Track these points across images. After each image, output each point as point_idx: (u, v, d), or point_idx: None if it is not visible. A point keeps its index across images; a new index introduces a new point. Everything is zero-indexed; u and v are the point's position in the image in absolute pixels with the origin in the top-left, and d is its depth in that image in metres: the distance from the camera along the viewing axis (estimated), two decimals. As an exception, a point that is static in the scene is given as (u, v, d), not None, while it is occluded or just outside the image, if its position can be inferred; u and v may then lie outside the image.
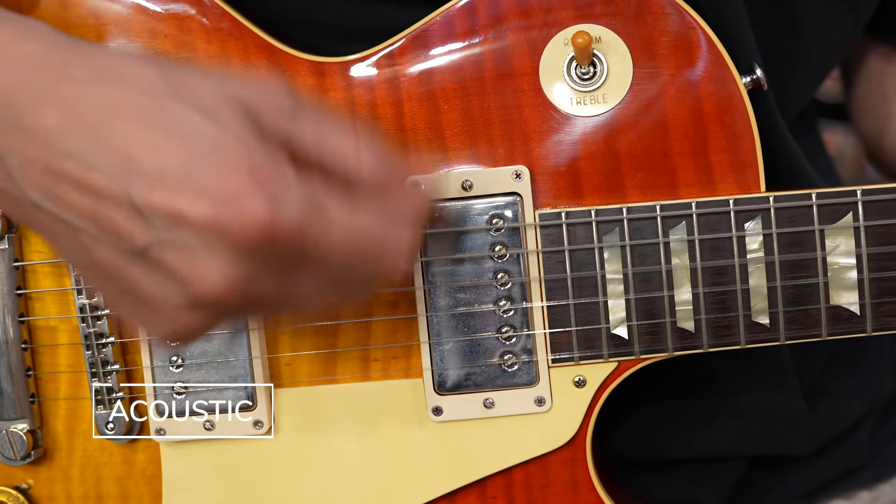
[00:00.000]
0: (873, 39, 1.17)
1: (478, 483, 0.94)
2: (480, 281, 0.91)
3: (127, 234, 0.71)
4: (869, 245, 0.88)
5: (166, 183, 0.69)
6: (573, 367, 0.91)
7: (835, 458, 1.10)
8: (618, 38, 0.90)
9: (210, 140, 0.70)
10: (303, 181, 0.72)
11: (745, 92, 0.89)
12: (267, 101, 0.74)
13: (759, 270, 0.89)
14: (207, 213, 0.69)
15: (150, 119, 0.71)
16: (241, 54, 0.91)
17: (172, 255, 0.71)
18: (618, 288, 0.90)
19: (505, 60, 0.90)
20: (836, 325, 0.89)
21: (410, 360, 0.93)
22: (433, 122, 0.91)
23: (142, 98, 0.71)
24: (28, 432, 0.95)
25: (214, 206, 0.69)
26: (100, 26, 0.91)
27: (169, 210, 0.69)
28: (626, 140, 0.90)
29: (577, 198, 0.90)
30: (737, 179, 0.90)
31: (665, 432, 1.05)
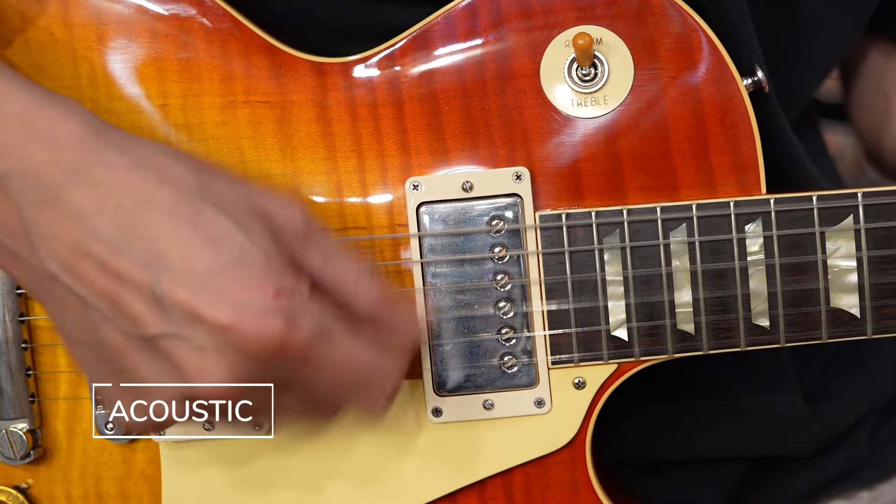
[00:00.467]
0: (873, 36, 1.17)
1: (477, 484, 0.93)
2: (480, 282, 0.91)
3: (142, 321, 0.74)
4: (869, 248, 0.88)
5: (191, 282, 0.72)
6: (573, 368, 0.91)
7: (835, 458, 1.10)
8: (619, 39, 0.89)
9: (238, 248, 0.74)
10: (315, 305, 0.76)
11: (747, 94, 0.89)
12: (286, 218, 0.77)
13: (760, 273, 0.89)
14: (227, 318, 0.72)
15: (181, 217, 0.73)
16: (241, 54, 0.91)
17: (182, 349, 0.74)
18: (618, 290, 0.90)
19: (506, 61, 0.90)
20: (837, 327, 0.89)
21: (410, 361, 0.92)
22: (434, 123, 0.91)
23: (176, 194, 0.74)
24: (28, 432, 0.95)
25: (235, 314, 0.72)
26: (101, 26, 0.91)
27: (189, 307, 0.72)
28: (626, 142, 0.90)
29: (577, 199, 0.90)
30: (737, 181, 0.90)
31: (665, 433, 1.05)
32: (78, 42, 0.91)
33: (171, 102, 0.91)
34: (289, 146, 0.91)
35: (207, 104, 0.91)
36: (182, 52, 0.91)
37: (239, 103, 0.91)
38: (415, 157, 0.91)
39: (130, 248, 0.73)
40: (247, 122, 0.91)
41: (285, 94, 0.91)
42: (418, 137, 0.91)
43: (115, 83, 0.91)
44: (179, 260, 0.73)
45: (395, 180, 0.91)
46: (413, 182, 0.90)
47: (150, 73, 0.91)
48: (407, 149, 0.91)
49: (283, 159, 0.91)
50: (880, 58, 1.18)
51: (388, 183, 0.91)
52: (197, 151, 0.91)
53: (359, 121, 0.91)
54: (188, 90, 0.91)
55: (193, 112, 0.92)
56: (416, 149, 0.91)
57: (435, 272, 0.91)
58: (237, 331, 0.73)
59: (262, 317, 0.73)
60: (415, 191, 0.90)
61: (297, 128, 0.91)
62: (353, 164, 0.91)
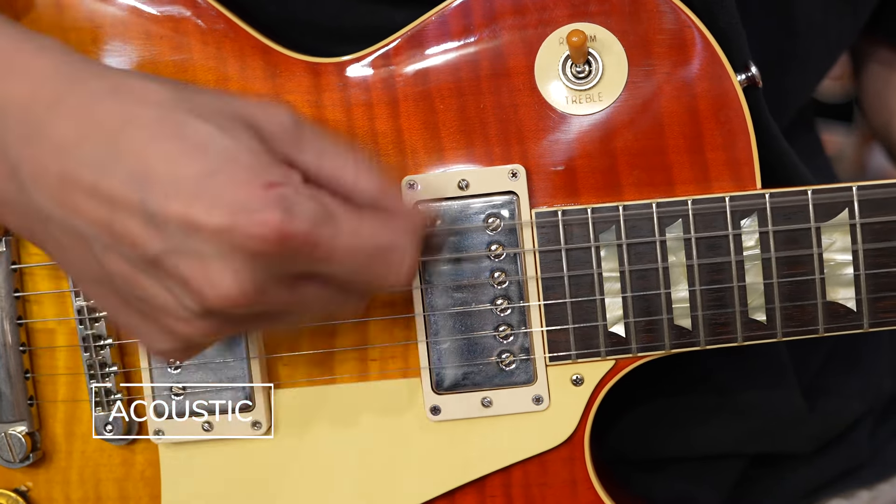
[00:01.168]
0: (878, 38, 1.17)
1: (476, 482, 0.94)
2: (477, 280, 0.91)
3: (141, 242, 0.73)
4: (865, 241, 0.88)
5: (181, 192, 0.71)
6: (571, 365, 0.91)
7: (834, 457, 1.10)
8: (613, 36, 0.90)
9: (223, 151, 0.73)
10: (311, 191, 0.75)
11: (741, 89, 0.90)
12: (271, 120, 0.76)
13: (756, 267, 0.89)
14: (222, 221, 0.71)
15: (164, 130, 0.73)
16: (236, 55, 0.92)
17: (186, 263, 0.73)
18: (614, 286, 0.90)
19: (500, 59, 0.90)
20: (833, 321, 0.89)
21: (408, 359, 0.93)
22: (429, 122, 0.91)
23: (155, 110, 0.74)
24: (27, 434, 0.95)
25: (229, 215, 0.71)
26: (95, 28, 0.91)
27: (184, 218, 0.71)
28: (621, 138, 0.90)
29: (573, 196, 0.90)
30: (733, 177, 0.90)
31: (664, 430, 1.05)
32: (72, 44, 0.91)
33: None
34: (285, 146, 0.91)
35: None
36: (177, 53, 0.91)
37: (234, 104, 0.91)
38: (410, 156, 0.91)
39: (117, 170, 0.72)
40: (243, 122, 0.91)
41: (280, 95, 0.91)
42: (414, 136, 0.91)
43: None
44: (167, 172, 0.72)
45: (391, 179, 0.91)
46: (409, 181, 0.90)
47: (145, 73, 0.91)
48: (402, 148, 0.91)
49: (279, 159, 0.91)
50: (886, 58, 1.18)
51: (384, 182, 0.91)
52: None
53: (354, 120, 0.91)
54: (184, 91, 0.91)
55: (189, 113, 0.92)
56: (411, 148, 0.91)
57: (432, 270, 0.91)
58: (235, 231, 0.71)
59: (257, 211, 0.72)
60: (411, 189, 0.90)
61: (292, 128, 0.91)
62: (349, 163, 0.91)
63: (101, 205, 0.73)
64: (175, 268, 0.73)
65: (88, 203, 0.73)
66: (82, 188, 0.73)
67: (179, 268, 0.73)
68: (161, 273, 0.74)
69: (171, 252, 0.72)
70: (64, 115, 0.74)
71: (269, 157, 0.74)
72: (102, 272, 0.76)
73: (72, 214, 0.74)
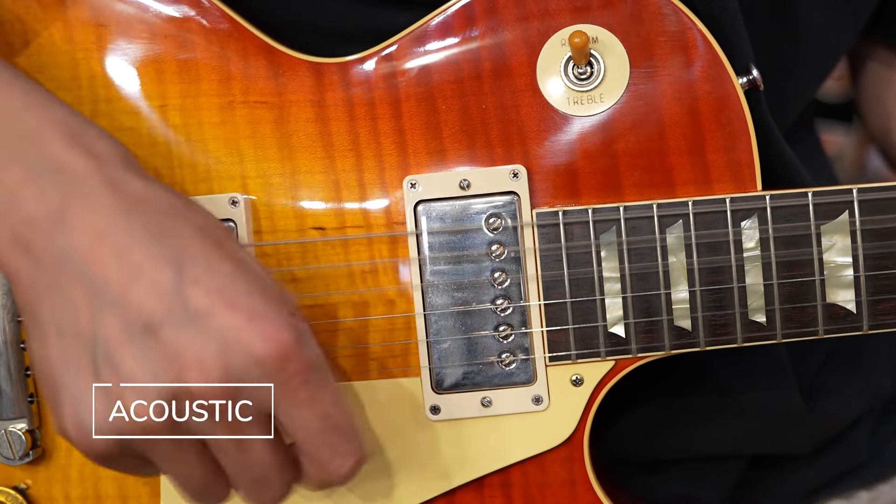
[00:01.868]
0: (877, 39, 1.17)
1: (475, 482, 0.94)
2: (478, 280, 0.91)
3: (149, 309, 0.75)
4: (865, 243, 0.89)
5: (213, 283, 0.75)
6: (570, 365, 0.92)
7: (834, 457, 1.10)
8: (614, 38, 0.90)
9: (258, 271, 0.78)
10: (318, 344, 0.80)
11: (742, 91, 0.90)
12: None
13: (756, 269, 0.89)
14: (243, 319, 0.75)
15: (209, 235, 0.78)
16: (240, 55, 0.92)
17: (185, 338, 0.75)
18: (615, 286, 0.90)
19: (502, 60, 0.91)
20: (833, 322, 0.90)
21: (408, 358, 0.93)
22: (431, 122, 0.91)
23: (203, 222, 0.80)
24: (27, 432, 0.95)
25: (251, 317, 0.75)
26: (100, 27, 0.91)
27: (206, 303, 0.75)
28: (622, 139, 0.90)
29: (574, 197, 0.91)
30: (733, 178, 0.90)
31: (663, 431, 1.05)
32: (77, 43, 0.91)
33: (169, 103, 0.92)
34: (287, 146, 0.92)
35: (206, 105, 0.92)
36: (181, 52, 0.92)
37: (237, 104, 0.92)
38: (412, 156, 0.91)
39: (157, 246, 0.76)
40: (245, 122, 0.92)
41: (283, 94, 0.92)
42: (416, 136, 0.91)
43: (113, 84, 0.92)
44: (204, 264, 0.76)
45: (392, 179, 0.91)
46: (410, 180, 0.91)
47: (148, 73, 0.92)
48: (404, 148, 0.91)
49: (282, 159, 0.92)
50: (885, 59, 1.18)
51: (386, 182, 0.91)
52: (196, 152, 0.92)
53: (356, 120, 0.92)
54: (187, 91, 0.92)
55: (192, 112, 0.92)
56: (413, 148, 0.91)
57: (433, 270, 0.91)
58: (250, 331, 0.75)
59: (276, 325, 0.75)
60: (412, 189, 0.91)
61: (295, 127, 0.92)
62: (351, 163, 0.92)
63: (127, 267, 0.76)
64: (172, 339, 0.75)
65: (115, 262, 0.76)
66: (116, 249, 0.76)
67: (177, 341, 0.75)
68: (151, 344, 0.75)
69: (175, 324, 0.75)
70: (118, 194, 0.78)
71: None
72: (89, 329, 0.77)
73: (93, 266, 0.76)
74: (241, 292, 0.76)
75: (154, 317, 0.75)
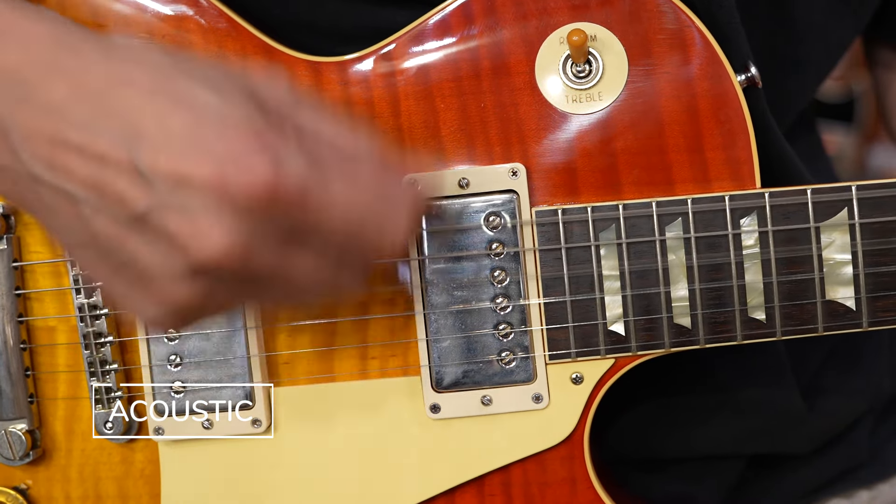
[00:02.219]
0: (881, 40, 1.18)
1: (476, 480, 0.94)
2: (477, 278, 0.91)
3: (129, 199, 0.72)
4: (864, 240, 0.89)
5: (171, 147, 0.71)
6: (570, 363, 0.92)
7: (834, 457, 1.10)
8: (613, 36, 0.90)
9: (215, 109, 0.72)
10: (304, 147, 0.73)
11: (740, 89, 0.90)
12: (269, 89, 0.75)
13: (755, 266, 0.89)
14: (211, 172, 0.70)
15: (156, 89, 0.72)
16: (238, 55, 0.92)
17: (174, 218, 0.71)
18: (614, 285, 0.90)
19: (501, 59, 0.91)
20: (832, 320, 0.90)
21: (408, 357, 0.93)
22: (430, 121, 0.91)
23: (149, 71, 0.73)
24: (27, 432, 0.95)
25: (218, 166, 0.70)
26: (99, 26, 0.91)
27: (173, 172, 0.70)
28: (621, 137, 0.90)
29: (573, 195, 0.91)
30: (732, 176, 0.90)
31: (663, 430, 1.05)
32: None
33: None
34: (286, 145, 0.92)
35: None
36: (179, 52, 0.92)
37: (236, 103, 0.92)
38: (411, 155, 0.91)
39: (108, 129, 0.72)
40: (244, 121, 0.92)
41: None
42: (414, 135, 0.91)
43: (112, 83, 0.92)
44: (156, 127, 0.71)
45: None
46: (409, 179, 0.90)
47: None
48: (403, 146, 0.91)
49: (280, 158, 0.91)
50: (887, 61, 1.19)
51: (385, 180, 0.91)
52: None
53: (355, 119, 0.91)
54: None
55: (190, 112, 0.92)
56: (412, 146, 0.91)
57: (432, 269, 0.91)
58: (224, 182, 0.70)
59: (246, 162, 0.70)
60: (411, 188, 0.91)
61: (293, 126, 0.92)
62: (350, 161, 0.91)
63: (90, 164, 0.72)
64: (162, 224, 0.72)
65: (78, 163, 0.72)
66: (72, 148, 0.72)
67: (167, 223, 0.71)
68: (148, 231, 0.72)
69: (159, 208, 0.71)
70: (56, 79, 0.73)
71: (262, 118, 0.73)
72: (91, 236, 0.75)
73: (62, 176, 0.73)
74: (200, 140, 0.71)
75: (136, 206, 0.72)
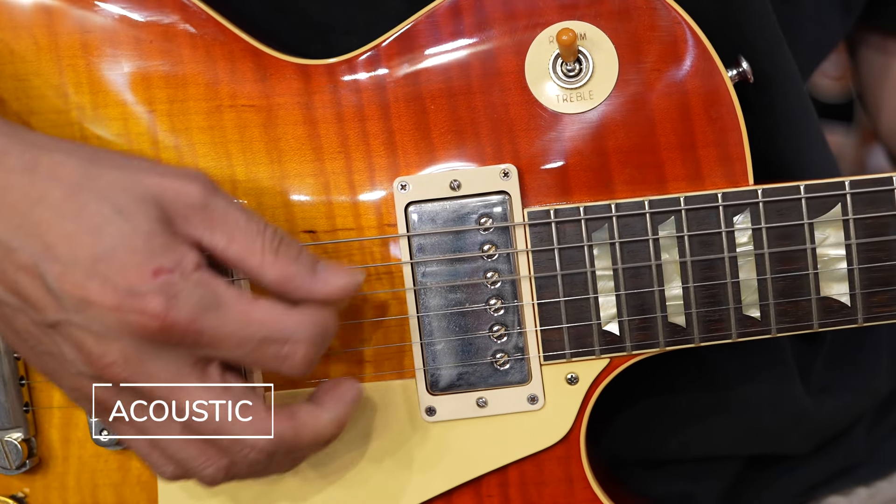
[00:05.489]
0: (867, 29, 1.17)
1: (473, 482, 0.93)
2: (471, 280, 0.91)
3: (42, 308, 0.79)
4: (858, 236, 0.88)
5: (77, 271, 0.77)
6: (565, 364, 0.91)
7: (833, 455, 1.10)
8: (603, 34, 0.90)
9: (119, 235, 0.77)
10: (202, 278, 0.78)
11: (732, 85, 0.89)
12: (179, 199, 0.80)
13: (749, 264, 0.89)
14: (111, 300, 0.77)
15: (67, 210, 0.78)
16: (226, 58, 0.92)
17: (79, 333, 0.78)
18: (608, 284, 0.90)
19: (490, 59, 0.90)
20: (827, 316, 0.89)
21: (403, 360, 0.93)
22: (420, 123, 0.91)
23: (62, 190, 0.78)
24: (23, 441, 0.95)
25: (117, 297, 0.77)
26: (85, 34, 0.91)
27: (77, 294, 0.77)
28: (613, 136, 0.90)
29: (565, 195, 0.90)
30: (725, 173, 0.90)
31: (662, 430, 1.05)
32: (63, 51, 0.91)
33: (157, 108, 0.92)
34: (276, 149, 0.92)
35: (194, 109, 0.92)
36: (167, 58, 0.91)
37: (225, 108, 0.92)
38: (402, 157, 0.91)
39: (24, 245, 0.78)
40: (233, 126, 0.92)
41: (271, 98, 0.91)
42: (405, 137, 0.91)
43: (100, 91, 0.92)
44: (65, 251, 0.77)
45: (382, 180, 0.91)
46: (401, 182, 0.90)
47: (135, 79, 0.92)
48: (394, 149, 0.91)
49: (271, 162, 0.92)
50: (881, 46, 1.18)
51: (376, 183, 0.91)
52: (184, 157, 0.91)
53: (345, 122, 0.91)
54: (174, 96, 0.91)
55: (180, 118, 0.92)
56: (402, 149, 0.91)
57: (425, 271, 0.91)
58: (121, 313, 0.77)
59: (141, 298, 0.76)
60: (402, 191, 0.90)
61: (283, 130, 0.91)
62: (341, 165, 0.91)
63: (12, 273, 0.79)
64: (70, 335, 0.79)
65: (1, 272, 0.79)
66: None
67: (74, 335, 0.78)
68: (60, 336, 0.79)
69: (67, 322, 0.78)
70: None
71: (164, 239, 0.78)
72: (15, 330, 0.82)
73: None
74: (103, 269, 0.77)
75: (48, 315, 0.79)
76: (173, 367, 0.79)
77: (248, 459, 0.82)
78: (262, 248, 0.81)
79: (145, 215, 0.78)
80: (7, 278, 0.79)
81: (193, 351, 0.79)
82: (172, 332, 0.77)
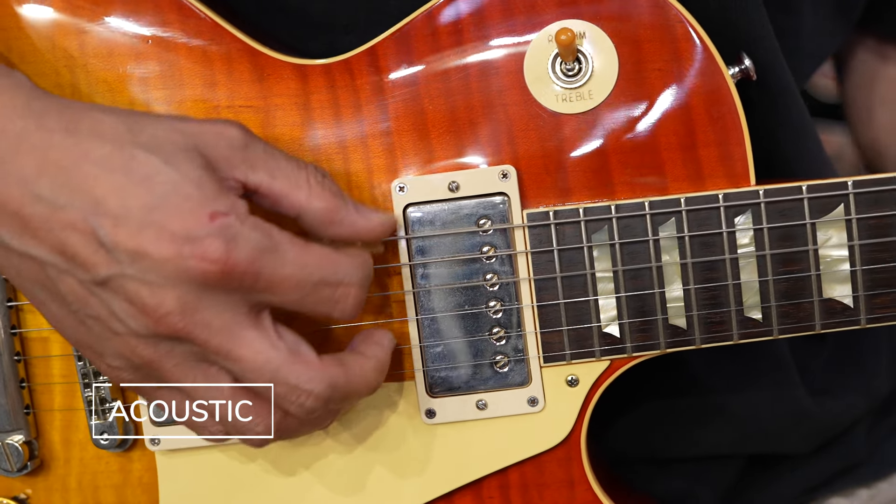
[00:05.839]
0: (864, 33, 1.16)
1: (473, 484, 0.93)
2: (470, 282, 0.90)
3: (92, 265, 0.77)
4: (861, 237, 0.87)
5: (130, 223, 0.76)
6: (565, 366, 0.91)
7: (833, 456, 1.09)
8: (602, 33, 0.89)
9: (171, 183, 0.77)
10: (256, 222, 0.78)
11: (733, 84, 0.88)
12: (219, 143, 0.80)
13: (751, 265, 0.88)
14: (168, 250, 0.75)
15: (115, 164, 0.77)
16: (223, 59, 0.91)
17: (135, 286, 0.77)
18: (608, 286, 0.89)
19: (488, 59, 0.89)
20: (830, 317, 0.88)
21: (402, 362, 0.92)
22: (418, 124, 0.90)
23: (107, 145, 0.78)
24: (24, 443, 0.95)
25: (174, 245, 0.75)
26: (82, 34, 0.91)
27: (133, 247, 0.76)
28: (613, 136, 0.89)
29: (565, 196, 0.90)
30: (726, 173, 0.89)
31: (664, 430, 1.05)
32: (59, 51, 0.91)
33: (154, 110, 0.91)
34: (274, 150, 0.91)
35: (191, 110, 0.91)
36: (164, 59, 0.91)
37: (222, 108, 0.91)
38: (400, 159, 0.90)
39: (71, 202, 0.76)
40: (231, 127, 0.91)
41: (268, 98, 0.91)
42: (403, 138, 0.90)
43: (97, 92, 0.91)
44: (116, 204, 0.76)
45: (380, 182, 0.90)
46: (399, 184, 0.90)
47: (132, 80, 0.91)
48: (392, 150, 0.90)
49: (269, 164, 0.91)
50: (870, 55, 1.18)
51: (374, 185, 0.91)
52: None
53: (343, 123, 0.91)
54: (171, 97, 0.91)
55: (178, 119, 0.91)
56: (401, 150, 0.90)
57: (424, 273, 0.90)
58: (180, 260, 0.75)
59: (200, 243, 0.75)
60: (401, 192, 0.90)
61: (281, 131, 0.91)
62: (339, 166, 0.91)
63: (57, 233, 0.77)
64: (123, 289, 0.77)
65: (45, 232, 0.77)
66: (40, 219, 0.77)
67: (128, 290, 0.77)
68: (111, 293, 0.77)
69: (120, 275, 0.76)
70: (24, 152, 0.78)
71: (215, 185, 0.78)
72: (58, 293, 0.80)
73: (29, 242, 0.78)
74: (157, 218, 0.76)
75: (99, 272, 0.77)
76: (228, 314, 0.78)
77: (305, 407, 0.81)
78: (307, 181, 0.81)
79: (192, 163, 0.78)
80: (53, 237, 0.77)
81: (249, 297, 0.78)
82: (233, 274, 0.76)
